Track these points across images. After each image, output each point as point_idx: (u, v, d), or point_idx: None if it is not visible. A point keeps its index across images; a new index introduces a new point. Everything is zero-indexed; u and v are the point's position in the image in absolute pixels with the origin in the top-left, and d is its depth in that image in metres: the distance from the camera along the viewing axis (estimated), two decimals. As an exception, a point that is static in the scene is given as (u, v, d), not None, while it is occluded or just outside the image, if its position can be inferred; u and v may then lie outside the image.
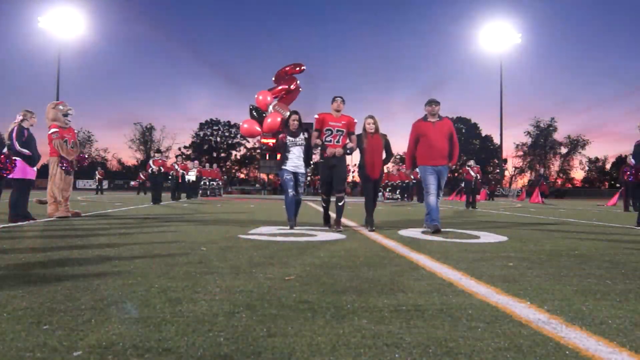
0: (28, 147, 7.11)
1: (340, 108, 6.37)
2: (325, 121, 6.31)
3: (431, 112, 6.43)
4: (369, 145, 6.38)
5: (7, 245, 4.27)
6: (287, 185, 6.33)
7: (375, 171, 6.42)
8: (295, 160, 6.39)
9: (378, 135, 6.45)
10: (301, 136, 6.45)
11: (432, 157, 6.31)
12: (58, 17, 29.29)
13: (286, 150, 6.39)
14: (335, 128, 6.30)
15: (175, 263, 3.43)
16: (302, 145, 6.44)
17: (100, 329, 1.85)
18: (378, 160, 6.44)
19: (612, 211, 14.73)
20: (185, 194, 20.47)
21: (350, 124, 6.37)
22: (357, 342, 1.76)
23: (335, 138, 6.31)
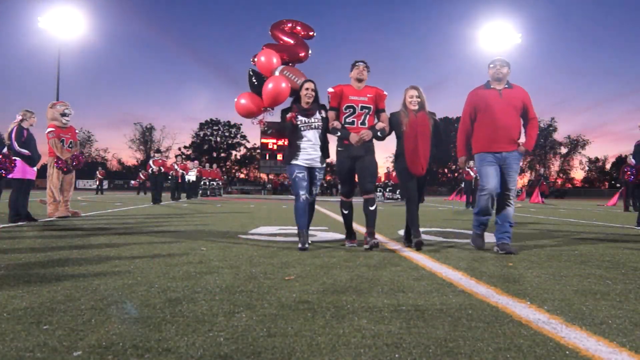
0: (27, 147, 7.11)
1: (363, 77, 4.56)
2: (344, 96, 4.51)
3: (496, 75, 4.49)
4: (411, 128, 4.47)
5: (7, 245, 4.27)
6: (299, 186, 4.49)
7: (419, 164, 4.51)
8: (310, 150, 4.58)
9: (424, 113, 4.54)
10: (317, 115, 4.60)
11: (496, 140, 4.41)
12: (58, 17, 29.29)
13: (297, 135, 4.57)
14: (359, 104, 4.49)
15: (175, 263, 3.43)
16: (319, 129, 4.59)
17: (100, 329, 1.85)
18: (424, 148, 4.51)
19: (612, 211, 14.73)
20: (185, 194, 20.47)
21: (378, 97, 4.58)
22: (357, 342, 1.76)
23: (359, 118, 4.49)
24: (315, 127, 4.58)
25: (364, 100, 4.52)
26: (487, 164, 4.44)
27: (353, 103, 4.50)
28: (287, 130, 4.61)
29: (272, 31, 5.92)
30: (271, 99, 5.02)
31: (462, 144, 4.68)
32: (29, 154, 7.09)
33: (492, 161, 4.44)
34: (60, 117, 7.94)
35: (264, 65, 5.39)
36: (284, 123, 4.62)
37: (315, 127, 4.59)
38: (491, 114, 4.43)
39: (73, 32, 30.97)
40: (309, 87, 4.63)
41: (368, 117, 4.53)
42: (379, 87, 4.63)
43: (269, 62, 5.35)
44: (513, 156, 4.42)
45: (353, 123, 4.50)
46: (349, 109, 4.51)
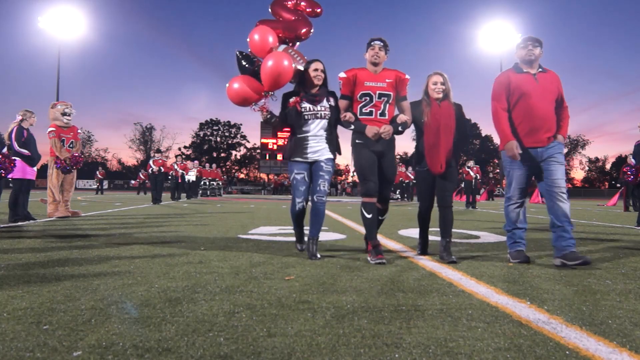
0: (27, 147, 7.12)
1: (378, 59, 3.81)
2: (358, 82, 3.81)
3: (527, 57, 3.81)
4: (433, 119, 3.80)
5: (7, 245, 4.27)
6: (295, 190, 3.91)
7: (438, 160, 3.80)
8: (314, 143, 3.85)
9: (449, 103, 3.88)
10: (325, 103, 3.87)
11: (533, 133, 3.76)
12: (58, 17, 29.31)
13: (300, 125, 3.85)
14: (377, 91, 3.78)
15: (175, 263, 3.43)
16: (327, 118, 3.86)
17: (100, 329, 1.85)
18: (446, 142, 3.81)
19: (612, 211, 14.73)
20: (185, 194, 20.47)
21: (399, 81, 3.85)
22: (357, 342, 1.76)
23: (377, 108, 3.80)
24: (322, 117, 3.84)
25: (383, 87, 3.80)
26: (518, 167, 3.83)
27: (369, 90, 3.78)
28: (288, 119, 3.89)
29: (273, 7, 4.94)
30: (272, 80, 3.94)
31: (504, 129, 3.81)
32: (29, 154, 7.10)
33: (525, 161, 3.79)
34: (61, 117, 7.96)
35: (257, 45, 4.37)
36: (285, 109, 3.91)
37: (322, 117, 3.84)
38: (527, 103, 3.76)
39: (73, 32, 30.96)
40: (318, 68, 3.89)
41: (388, 106, 3.82)
42: (399, 70, 3.88)
43: (264, 41, 4.30)
44: (554, 147, 3.78)
45: (371, 114, 3.80)
46: (364, 97, 3.80)
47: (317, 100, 3.86)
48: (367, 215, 3.80)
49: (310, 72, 3.89)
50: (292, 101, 3.86)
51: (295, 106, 3.82)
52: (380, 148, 3.80)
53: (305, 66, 3.98)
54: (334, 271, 3.23)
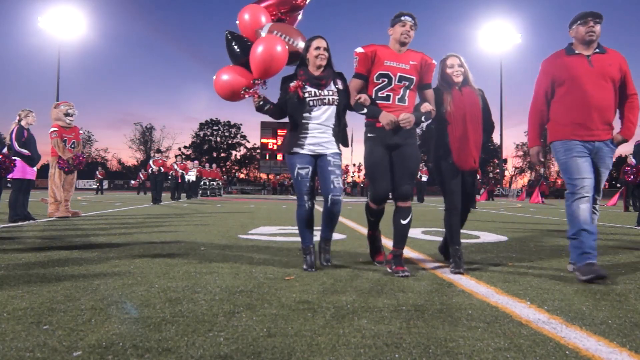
0: (28, 147, 7.12)
1: (410, 39, 3.26)
2: (377, 59, 3.23)
3: (588, 37, 3.24)
4: (456, 108, 3.36)
5: (7, 245, 4.27)
6: (301, 188, 3.34)
7: (471, 155, 3.37)
8: (318, 133, 3.33)
9: (471, 89, 3.44)
10: (332, 86, 3.36)
11: (587, 125, 3.23)
12: (58, 17, 29.30)
13: (303, 112, 3.33)
14: (397, 73, 3.21)
15: (175, 263, 3.43)
16: (335, 104, 3.35)
17: (100, 329, 1.86)
18: (475, 133, 3.39)
19: (612, 211, 14.73)
20: (185, 194, 20.48)
21: (425, 66, 3.29)
22: (357, 342, 1.76)
23: (396, 93, 3.23)
24: (329, 103, 3.31)
25: (405, 69, 3.22)
26: (577, 154, 3.20)
27: (389, 71, 3.20)
28: (289, 107, 3.35)
29: None
30: (263, 68, 3.50)
31: (535, 130, 3.43)
32: (29, 154, 7.10)
33: (584, 152, 3.21)
34: (64, 117, 7.98)
35: (248, 26, 3.86)
36: (285, 95, 3.35)
37: (330, 102, 3.31)
38: (579, 89, 3.22)
39: (73, 32, 30.97)
40: (320, 46, 3.34)
41: (408, 92, 3.25)
42: (424, 54, 3.34)
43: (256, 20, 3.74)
44: (607, 148, 3.25)
45: (388, 99, 3.22)
46: (382, 78, 3.22)
47: (322, 84, 3.32)
48: (371, 218, 3.58)
49: (312, 52, 3.34)
50: (292, 86, 3.29)
51: (297, 91, 3.28)
52: (398, 140, 3.23)
53: (306, 44, 3.42)
54: (334, 271, 3.23)
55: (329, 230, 3.45)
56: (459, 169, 3.39)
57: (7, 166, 6.15)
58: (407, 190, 3.30)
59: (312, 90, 3.32)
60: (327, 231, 3.45)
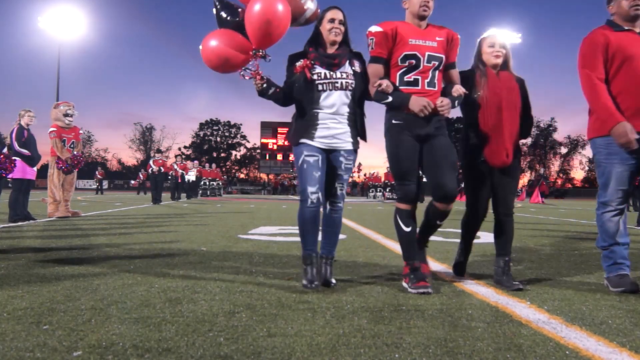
0: (28, 147, 7.13)
1: (429, 10, 2.79)
2: (400, 38, 2.74)
3: (629, 11, 2.78)
4: (492, 94, 2.87)
5: (7, 245, 4.27)
6: (307, 178, 2.75)
7: (504, 148, 2.86)
8: (332, 123, 2.80)
9: (509, 74, 2.96)
10: (347, 68, 2.83)
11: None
12: (58, 17, 29.31)
13: (312, 98, 2.79)
14: (426, 53, 2.74)
15: (175, 263, 3.43)
16: (350, 89, 2.81)
17: (100, 329, 1.86)
18: (512, 123, 2.90)
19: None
20: (185, 194, 20.49)
21: (452, 43, 2.85)
22: (357, 342, 1.76)
23: (426, 76, 2.75)
24: (343, 87, 2.77)
25: (433, 47, 2.75)
26: (620, 160, 2.74)
27: (416, 51, 2.71)
28: (295, 90, 2.81)
29: None
30: (261, 32, 2.74)
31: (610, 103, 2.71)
32: (29, 154, 7.11)
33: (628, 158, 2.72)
34: (63, 118, 7.99)
35: None
36: (291, 76, 2.82)
37: (344, 87, 2.77)
38: (634, 70, 2.71)
39: (73, 32, 30.98)
40: (335, 18, 2.78)
41: (437, 73, 2.79)
42: (449, 29, 2.89)
43: None
44: None
45: (416, 83, 2.73)
46: (408, 60, 2.72)
47: (335, 64, 2.78)
48: (403, 228, 2.80)
49: (325, 25, 2.78)
50: (299, 65, 2.76)
51: (304, 72, 2.75)
52: (429, 130, 2.72)
53: (319, 16, 2.88)
54: (334, 271, 3.22)
55: (330, 244, 2.91)
56: (489, 165, 2.88)
57: (7, 166, 6.15)
58: (452, 189, 2.70)
59: (322, 71, 2.77)
60: (327, 246, 2.90)
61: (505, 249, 2.93)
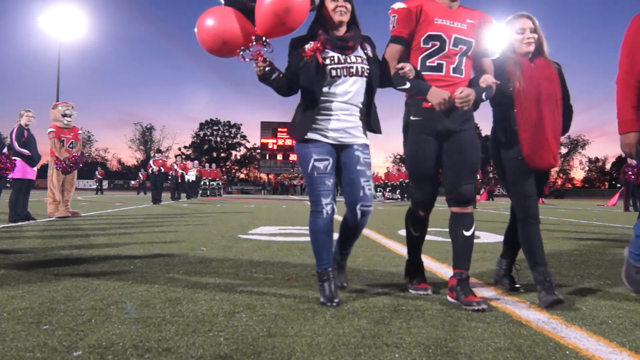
0: (28, 147, 7.13)
1: None
2: (424, 17, 2.45)
3: None
4: (529, 84, 2.52)
5: (7, 245, 4.27)
6: (318, 187, 2.44)
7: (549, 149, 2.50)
8: (343, 114, 2.49)
9: (546, 60, 2.62)
10: (359, 52, 2.52)
11: None
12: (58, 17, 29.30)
13: (323, 84, 2.47)
14: (452, 35, 2.44)
15: (175, 263, 3.43)
16: (365, 76, 2.51)
17: (100, 329, 1.86)
18: (554, 119, 2.54)
19: (612, 211, 14.74)
20: (185, 194, 20.49)
21: (485, 27, 2.54)
22: (357, 342, 1.76)
23: (451, 61, 2.46)
24: (358, 73, 2.46)
25: (462, 29, 2.44)
26: None
27: (442, 32, 2.41)
28: (303, 77, 2.45)
29: None
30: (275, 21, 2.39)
31: (630, 109, 2.54)
32: (29, 154, 7.11)
33: None
34: (62, 118, 7.99)
35: None
36: (297, 62, 2.47)
37: (359, 73, 2.46)
38: None
39: (73, 32, 30.97)
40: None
41: (465, 60, 2.48)
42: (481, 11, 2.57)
43: None
44: None
45: (439, 69, 2.43)
46: (432, 41, 2.42)
47: (349, 47, 2.45)
48: (412, 233, 2.68)
49: (328, 4, 2.44)
50: (308, 48, 2.42)
51: (316, 55, 2.40)
52: (451, 126, 2.45)
53: None
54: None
55: (349, 245, 2.73)
56: (528, 164, 2.51)
57: (7, 166, 6.16)
58: (467, 191, 2.47)
59: (334, 55, 2.44)
60: (345, 246, 2.72)
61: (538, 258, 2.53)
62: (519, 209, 2.59)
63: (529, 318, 2.12)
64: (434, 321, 2.05)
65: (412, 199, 2.65)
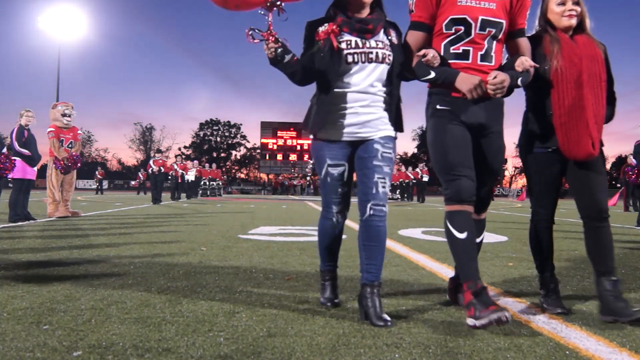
0: (28, 147, 7.14)
1: None
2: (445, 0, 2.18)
3: None
4: (569, 63, 2.21)
5: (7, 245, 4.27)
6: (329, 192, 2.29)
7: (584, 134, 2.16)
8: (361, 107, 2.21)
9: (589, 38, 2.30)
10: (381, 36, 2.23)
11: None
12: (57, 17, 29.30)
13: (339, 72, 2.20)
14: (479, 17, 2.15)
15: (175, 263, 3.43)
16: (387, 63, 2.21)
17: (100, 329, 1.86)
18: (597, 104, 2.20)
19: (612, 211, 14.70)
20: (185, 194, 20.50)
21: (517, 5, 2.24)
22: (357, 342, 1.76)
23: (478, 47, 2.18)
24: (379, 59, 2.19)
25: (490, 10, 2.16)
26: None
27: (466, 14, 2.15)
28: (317, 62, 2.20)
29: None
30: None
31: None
32: (29, 154, 7.12)
33: None
34: (61, 118, 8.00)
35: None
36: (312, 47, 2.23)
37: (380, 59, 2.19)
38: None
39: (73, 32, 30.97)
40: None
41: (495, 44, 2.20)
42: None
43: None
44: None
45: (465, 56, 2.17)
46: (456, 25, 2.16)
47: (369, 30, 2.19)
48: (457, 235, 2.12)
49: None
50: (322, 31, 2.19)
51: (330, 38, 2.17)
52: (481, 119, 2.18)
53: None
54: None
55: (374, 267, 2.14)
56: (566, 157, 2.21)
57: (7, 166, 6.16)
58: (485, 198, 2.31)
59: (352, 39, 2.18)
60: (372, 269, 2.13)
61: (606, 265, 2.20)
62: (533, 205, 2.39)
63: (529, 318, 2.12)
64: (434, 321, 2.05)
65: (446, 195, 2.17)
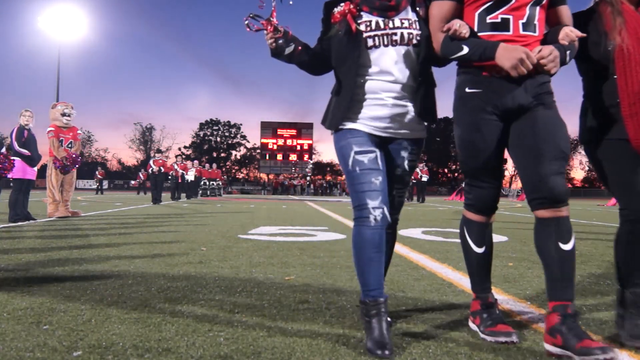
0: (28, 147, 7.14)
1: None
2: None
3: None
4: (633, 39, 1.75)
5: (7, 245, 4.27)
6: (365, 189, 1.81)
7: None
8: (389, 97, 1.87)
9: None
10: (408, 13, 1.91)
11: None
12: (57, 17, 29.29)
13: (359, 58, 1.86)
14: None
15: (175, 263, 3.43)
16: (414, 44, 1.87)
17: (100, 329, 1.86)
18: None
19: (612, 211, 14.72)
20: (185, 194, 20.50)
21: None
22: (357, 342, 1.76)
23: (519, 15, 1.77)
24: (404, 41, 1.87)
25: None
26: None
27: None
28: (334, 48, 1.95)
29: None
30: None
31: None
32: (29, 154, 7.12)
33: None
34: (61, 118, 8.01)
35: None
36: (327, 30, 1.97)
37: (405, 41, 1.88)
38: None
39: (73, 32, 30.97)
40: None
41: (538, 11, 1.82)
42: None
43: None
44: None
45: (505, 26, 1.79)
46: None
47: (392, 7, 1.88)
48: (473, 248, 2.00)
49: None
50: (338, 12, 1.90)
51: (347, 20, 1.88)
52: (524, 99, 1.80)
53: None
54: (334, 271, 3.23)
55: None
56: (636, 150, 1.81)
57: (6, 166, 6.16)
58: (557, 185, 1.72)
59: (372, 19, 1.88)
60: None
61: None
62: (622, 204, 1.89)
63: (529, 318, 2.12)
64: (434, 321, 2.05)
65: (467, 200, 2.03)
